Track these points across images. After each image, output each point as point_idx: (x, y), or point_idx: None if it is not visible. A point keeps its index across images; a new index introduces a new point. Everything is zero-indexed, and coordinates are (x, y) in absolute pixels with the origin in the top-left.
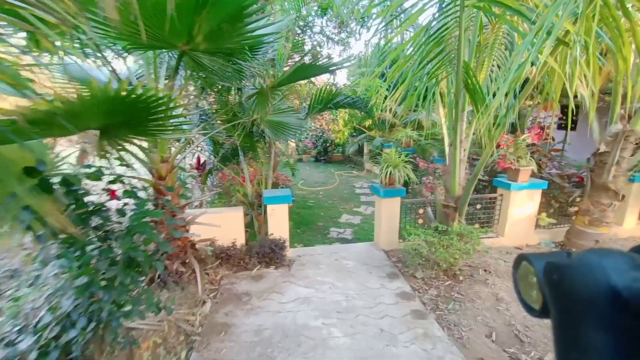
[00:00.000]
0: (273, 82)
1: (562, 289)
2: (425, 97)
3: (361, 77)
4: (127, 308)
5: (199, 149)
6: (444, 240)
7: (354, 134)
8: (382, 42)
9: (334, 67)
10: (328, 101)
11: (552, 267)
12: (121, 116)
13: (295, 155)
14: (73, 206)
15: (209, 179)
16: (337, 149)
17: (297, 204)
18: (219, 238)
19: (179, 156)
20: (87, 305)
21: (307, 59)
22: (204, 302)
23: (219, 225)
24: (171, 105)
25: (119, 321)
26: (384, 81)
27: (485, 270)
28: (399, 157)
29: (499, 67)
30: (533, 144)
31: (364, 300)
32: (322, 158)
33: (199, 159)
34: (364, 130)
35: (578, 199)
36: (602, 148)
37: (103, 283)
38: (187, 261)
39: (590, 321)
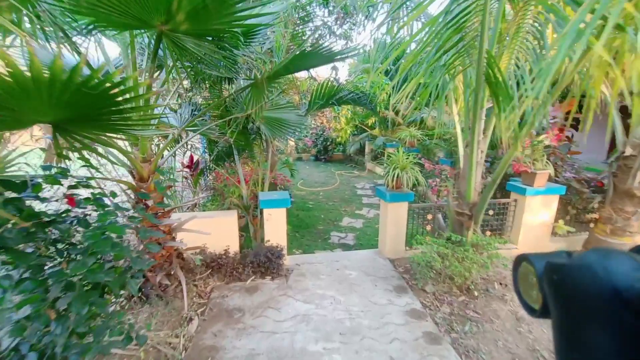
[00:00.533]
0: (268, 72)
1: (563, 289)
2: (438, 93)
3: (364, 74)
4: (90, 339)
5: (189, 146)
6: (458, 252)
7: (355, 132)
8: (388, 36)
9: (338, 57)
10: (330, 96)
11: (552, 267)
12: (77, 108)
13: (295, 154)
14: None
15: (201, 179)
16: (338, 148)
17: (296, 206)
18: (210, 245)
19: (165, 154)
20: (39, 337)
21: (307, 48)
22: (190, 320)
23: (209, 233)
24: (148, 99)
25: (77, 357)
26: (390, 78)
27: (501, 284)
28: (407, 158)
29: (518, 59)
30: (548, 146)
31: (369, 319)
32: (323, 157)
33: (191, 157)
34: (366, 128)
35: (598, 206)
36: (629, 151)
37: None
38: (172, 272)
39: (591, 321)
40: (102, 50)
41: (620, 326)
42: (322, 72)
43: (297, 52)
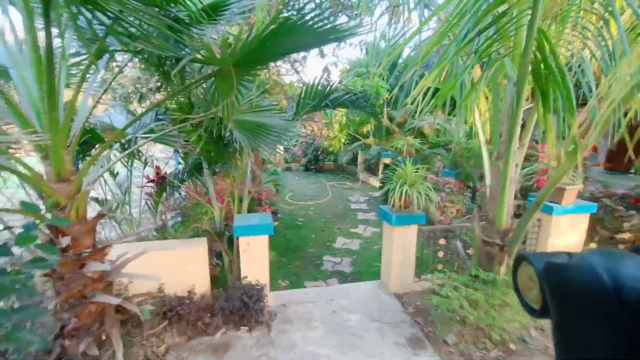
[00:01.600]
0: (238, 51)
1: (563, 289)
2: (461, 89)
3: (357, 79)
4: None
5: (151, 158)
6: (493, 298)
7: (348, 141)
8: (389, 28)
9: (339, 34)
10: (323, 97)
11: (552, 267)
12: None
13: (284, 164)
14: None
15: (169, 197)
16: (329, 158)
17: (284, 223)
18: (170, 285)
19: (102, 167)
20: None
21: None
22: None
23: (158, 278)
24: None
25: None
26: (394, 79)
27: (540, 330)
28: (416, 171)
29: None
30: None
31: None
32: (313, 167)
33: (157, 169)
34: (359, 137)
35: (633, 226)
36: None
37: None
38: (103, 338)
39: (591, 321)
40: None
41: (620, 326)
42: (312, 74)
43: (282, 20)
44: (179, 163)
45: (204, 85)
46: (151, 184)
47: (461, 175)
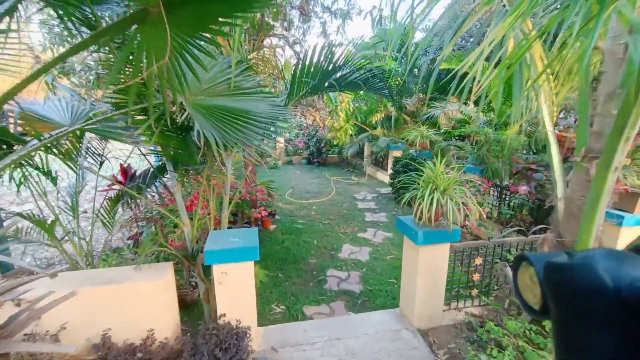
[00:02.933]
0: None
1: (563, 289)
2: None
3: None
4: None
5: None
6: None
7: (355, 132)
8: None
9: None
10: (326, 75)
11: (552, 267)
12: None
13: (284, 158)
14: None
15: (119, 206)
16: (333, 150)
17: (282, 227)
18: (119, 330)
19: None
20: None
21: None
22: None
23: (72, 349)
24: None
25: None
26: (402, 65)
27: None
28: (446, 171)
29: None
30: None
31: None
32: (316, 160)
33: (122, 169)
34: (366, 128)
35: None
36: None
37: None
38: None
39: (591, 321)
40: None
41: (620, 326)
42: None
43: None
44: (159, 160)
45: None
46: (121, 186)
47: (487, 173)
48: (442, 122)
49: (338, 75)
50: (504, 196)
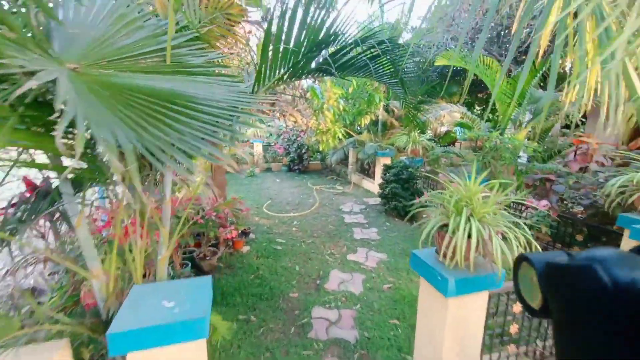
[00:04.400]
0: None
1: (563, 289)
2: None
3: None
4: None
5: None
6: None
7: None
8: None
9: None
10: (316, 45)
11: (552, 268)
12: None
13: (263, 164)
14: None
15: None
16: (315, 156)
17: (257, 249)
18: None
19: None
20: None
21: None
22: None
23: None
24: None
25: None
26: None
27: None
28: (479, 187)
29: None
30: None
31: None
32: (296, 167)
33: (26, 182)
34: (351, 132)
35: None
36: None
37: None
38: None
39: (590, 321)
40: None
41: (619, 325)
42: None
43: None
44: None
45: None
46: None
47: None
48: (434, 127)
49: (332, 48)
50: (520, 212)
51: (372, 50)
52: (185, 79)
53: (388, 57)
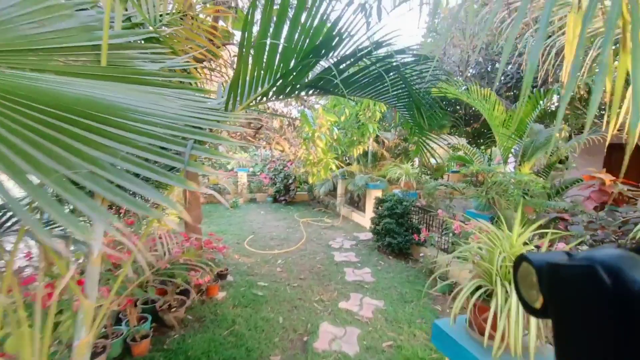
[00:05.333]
0: None
1: (562, 289)
2: None
3: None
4: None
5: None
6: None
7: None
8: None
9: None
10: (314, 52)
11: (552, 267)
12: None
13: (247, 195)
14: None
15: None
16: (302, 187)
17: (235, 295)
18: None
19: None
20: None
21: None
22: None
23: None
24: None
25: None
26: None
27: None
28: (523, 236)
29: None
30: None
31: None
32: (282, 198)
33: None
34: (339, 163)
35: None
36: None
37: None
38: None
39: (591, 322)
40: None
41: (620, 327)
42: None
43: None
44: None
45: None
46: None
47: (498, 221)
48: (424, 160)
49: (331, 60)
50: None
51: (382, 63)
52: (128, 87)
53: (400, 72)
